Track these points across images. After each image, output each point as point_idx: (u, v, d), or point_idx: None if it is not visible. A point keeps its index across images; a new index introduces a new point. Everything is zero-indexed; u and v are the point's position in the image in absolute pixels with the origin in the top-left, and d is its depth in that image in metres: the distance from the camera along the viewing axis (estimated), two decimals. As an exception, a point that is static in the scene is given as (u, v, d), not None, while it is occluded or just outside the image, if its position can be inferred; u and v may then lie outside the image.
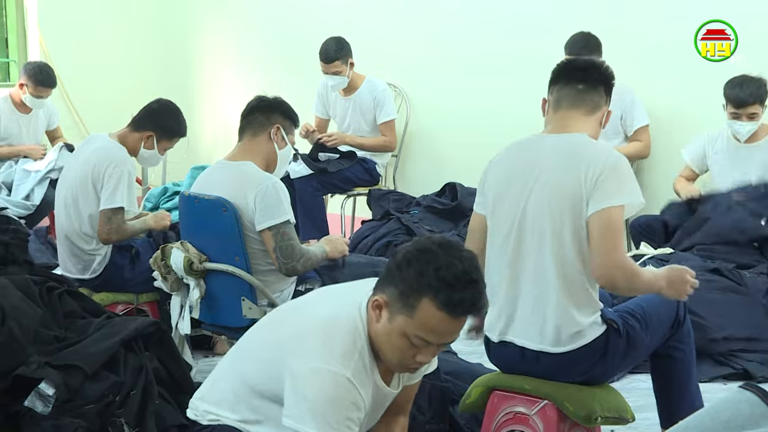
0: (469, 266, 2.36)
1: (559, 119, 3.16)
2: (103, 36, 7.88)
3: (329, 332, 2.46)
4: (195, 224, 4.08)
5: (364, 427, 2.54)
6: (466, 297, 2.33)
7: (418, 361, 2.42)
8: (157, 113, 4.80)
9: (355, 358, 2.42)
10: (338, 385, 2.38)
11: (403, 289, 2.36)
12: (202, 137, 8.03)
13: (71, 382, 3.09)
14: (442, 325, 2.35)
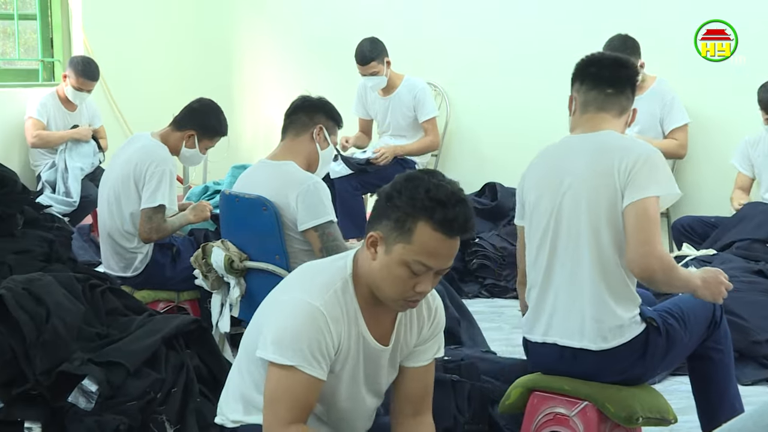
0: (455, 188, 2.42)
1: (586, 121, 3.18)
2: (146, 36, 7.94)
3: (311, 273, 2.56)
4: (235, 223, 4.09)
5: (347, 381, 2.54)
6: (459, 214, 2.37)
7: (418, 291, 2.44)
8: (199, 112, 4.84)
9: (329, 292, 2.46)
10: (306, 314, 2.42)
11: (398, 216, 2.40)
12: (243, 137, 8.07)
13: (113, 379, 3.11)
14: (440, 246, 2.38)
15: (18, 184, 4.23)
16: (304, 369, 2.41)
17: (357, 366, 2.55)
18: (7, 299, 3.18)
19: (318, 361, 2.42)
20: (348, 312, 2.49)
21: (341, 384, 2.55)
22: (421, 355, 2.66)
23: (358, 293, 2.51)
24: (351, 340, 2.51)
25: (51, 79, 7.74)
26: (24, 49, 7.95)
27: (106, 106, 7.50)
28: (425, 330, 2.65)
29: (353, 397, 2.59)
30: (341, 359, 2.51)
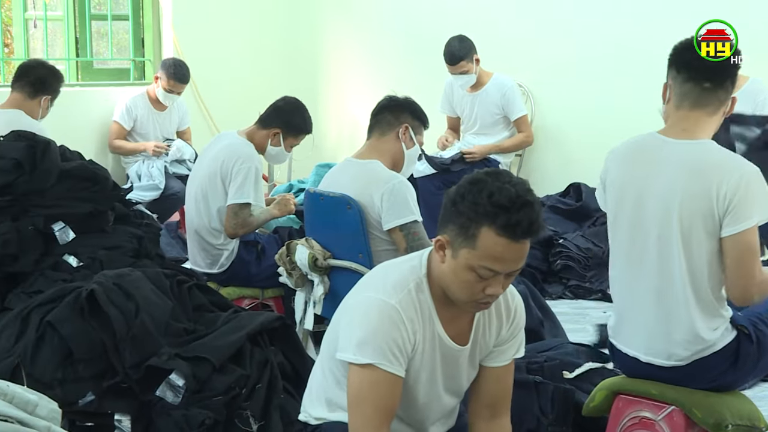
0: (522, 189, 2.36)
1: (681, 119, 3.02)
2: (234, 36, 8.05)
3: (386, 272, 2.56)
4: (320, 221, 4.12)
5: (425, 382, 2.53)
6: (523, 218, 2.33)
7: (488, 294, 2.42)
8: (284, 111, 4.88)
9: (405, 291, 2.47)
10: (382, 312, 2.43)
11: (462, 222, 2.38)
12: (328, 135, 8.12)
13: (200, 374, 3.15)
14: (505, 251, 2.35)
15: (109, 182, 4.33)
16: (383, 366, 2.41)
17: (434, 366, 2.55)
18: (98, 294, 3.25)
19: (396, 357, 2.43)
20: (423, 311, 2.49)
21: (419, 384, 2.54)
22: (501, 355, 2.64)
23: (433, 293, 2.51)
24: (426, 339, 2.50)
25: (142, 78, 7.90)
26: (116, 48, 8.13)
27: (194, 105, 7.61)
28: (504, 330, 2.63)
29: (432, 397, 2.59)
30: (417, 358, 2.50)
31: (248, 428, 3.11)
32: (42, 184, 4.12)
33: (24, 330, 3.24)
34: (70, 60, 7.84)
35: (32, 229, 4.05)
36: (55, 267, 4.01)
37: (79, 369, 3.14)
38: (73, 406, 3.05)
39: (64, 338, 3.18)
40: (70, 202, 4.15)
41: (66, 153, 4.38)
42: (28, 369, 3.10)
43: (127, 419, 3.13)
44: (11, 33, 9.23)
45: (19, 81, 5.07)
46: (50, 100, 5.08)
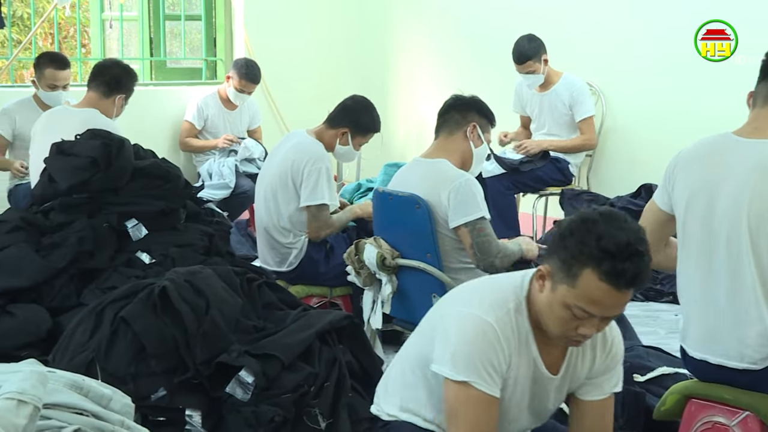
0: (634, 237, 2.30)
1: (755, 118, 2.93)
2: (304, 36, 8.10)
3: (487, 287, 2.53)
4: (388, 220, 4.13)
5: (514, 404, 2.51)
6: (629, 268, 2.27)
7: (581, 333, 2.38)
8: (352, 110, 4.89)
9: (503, 311, 2.44)
10: (478, 329, 2.41)
11: (565, 258, 2.34)
12: (396, 135, 8.13)
13: (269, 371, 3.17)
14: (604, 296, 2.30)
15: (181, 180, 4.39)
16: (478, 385, 2.40)
17: (524, 389, 2.53)
18: (170, 291, 3.29)
19: (491, 376, 2.41)
20: (520, 334, 2.46)
21: (508, 404, 2.51)
22: (597, 389, 2.60)
23: (531, 317, 2.47)
24: (521, 362, 2.48)
25: (213, 77, 8.00)
26: (189, 48, 8.24)
27: (264, 104, 7.68)
28: (599, 361, 2.58)
29: (516, 420, 2.57)
30: (511, 381, 2.48)
31: (317, 426, 3.12)
32: (116, 182, 4.20)
33: (98, 325, 3.30)
34: (144, 59, 7.97)
35: (107, 226, 4.13)
36: (129, 264, 4.08)
37: (151, 364, 3.18)
38: (146, 400, 3.09)
39: (137, 334, 3.23)
40: (143, 200, 4.22)
41: (139, 151, 4.45)
42: (103, 363, 3.15)
43: (197, 415, 3.17)
44: (88, 33, 9.42)
45: (95, 80, 5.16)
46: (124, 98, 5.16)
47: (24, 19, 10.22)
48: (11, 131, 5.93)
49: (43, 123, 5.23)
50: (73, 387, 2.25)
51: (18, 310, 3.79)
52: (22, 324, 3.73)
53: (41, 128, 5.16)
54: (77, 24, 8.41)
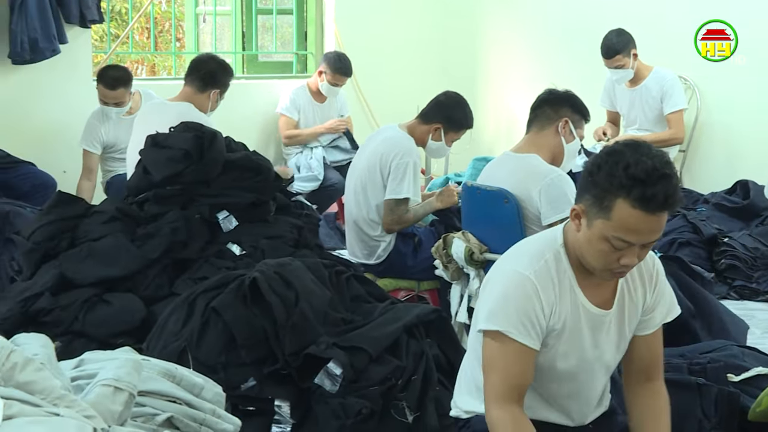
0: (660, 162, 2.34)
1: None
2: (394, 30, 8.11)
3: (523, 246, 2.60)
4: (476, 215, 4.12)
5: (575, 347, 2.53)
6: (659, 191, 2.30)
7: (623, 264, 2.41)
8: (445, 106, 4.89)
9: (541, 262, 2.49)
10: (515, 283, 2.46)
11: (597, 193, 2.38)
12: (486, 129, 8.09)
13: (357, 364, 3.19)
14: (639, 223, 2.34)
15: (271, 172, 4.43)
16: (511, 335, 2.43)
17: (581, 339, 2.54)
18: (260, 282, 3.33)
19: (526, 327, 2.44)
20: (562, 281, 2.50)
21: (560, 357, 2.53)
22: (649, 323, 2.64)
23: (572, 262, 2.51)
24: (567, 310, 2.51)
25: (304, 71, 8.06)
26: (280, 42, 8.32)
27: (354, 98, 7.71)
28: (648, 296, 2.62)
29: (578, 373, 2.57)
30: (557, 330, 2.50)
31: (404, 419, 3.12)
32: (208, 174, 4.26)
33: (190, 315, 3.35)
34: (236, 53, 8.07)
35: (199, 218, 4.20)
36: (220, 255, 4.14)
37: (241, 354, 3.22)
38: (236, 390, 3.12)
39: (227, 324, 3.27)
40: (234, 192, 4.27)
41: (231, 144, 4.51)
42: (194, 353, 3.20)
43: (286, 405, 3.20)
44: (183, 28, 9.58)
45: (191, 75, 5.24)
46: (219, 93, 5.23)
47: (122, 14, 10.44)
48: (100, 145, 6.06)
49: (140, 117, 5.34)
50: (167, 375, 2.29)
51: (114, 299, 3.88)
52: (118, 312, 3.82)
53: (139, 122, 5.27)
54: (172, 18, 8.56)
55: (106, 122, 6.05)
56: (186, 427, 2.18)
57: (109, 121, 6.02)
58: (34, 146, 6.30)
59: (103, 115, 6.05)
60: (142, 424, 2.13)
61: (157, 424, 2.16)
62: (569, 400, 2.61)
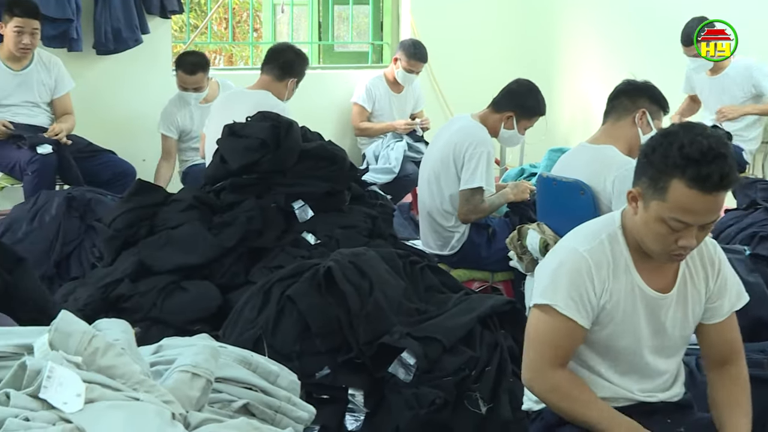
0: (715, 142, 2.33)
1: None
2: (470, 21, 8.07)
3: (582, 226, 2.63)
4: (552, 206, 4.09)
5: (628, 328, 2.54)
6: (714, 171, 2.30)
7: (681, 245, 2.41)
8: (517, 93, 4.86)
9: (596, 240, 2.51)
10: (567, 258, 2.50)
11: (652, 174, 2.38)
12: (561, 120, 8.02)
13: (431, 354, 3.19)
14: (695, 203, 2.34)
15: (347, 162, 4.45)
16: (559, 309, 2.46)
17: (637, 320, 2.55)
18: (335, 271, 3.34)
19: (576, 303, 2.46)
20: (617, 261, 2.51)
21: (615, 336, 2.54)
22: (717, 312, 2.63)
23: (629, 244, 2.52)
24: (622, 290, 2.52)
25: (379, 61, 8.07)
26: (356, 32, 8.34)
27: (429, 89, 7.70)
28: (711, 282, 2.62)
29: (635, 352, 2.58)
30: (611, 309, 2.51)
31: (477, 410, 3.12)
32: (284, 163, 4.29)
33: (266, 303, 3.39)
34: (312, 43, 8.12)
35: (274, 207, 4.24)
36: (295, 244, 4.17)
37: (316, 343, 3.24)
38: (310, 378, 3.15)
39: (302, 313, 3.29)
40: (310, 181, 4.30)
41: (307, 133, 4.54)
42: (269, 340, 3.23)
43: (360, 394, 3.21)
44: (260, 18, 9.66)
45: (268, 64, 5.30)
46: (296, 82, 5.28)
47: (201, 5, 10.57)
48: (176, 130, 6.17)
49: (218, 105, 5.41)
50: (243, 362, 2.32)
51: (191, 286, 3.93)
52: (195, 299, 3.87)
53: (216, 110, 5.35)
54: (250, 9, 8.63)
55: (183, 108, 6.15)
56: (262, 414, 2.21)
57: (187, 107, 6.13)
58: (115, 135, 6.43)
59: (180, 101, 6.16)
60: (219, 410, 2.15)
61: (233, 410, 2.18)
62: (628, 378, 2.61)
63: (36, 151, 5.40)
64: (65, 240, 4.75)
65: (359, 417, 3.25)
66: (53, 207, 4.84)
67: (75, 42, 6.16)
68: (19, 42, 5.49)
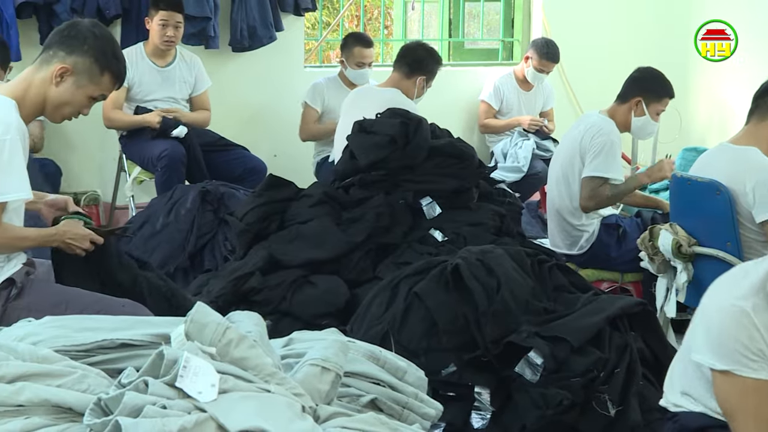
0: None
1: None
2: (604, 18, 7.92)
3: (743, 272, 2.45)
4: (685, 206, 4.00)
5: None
6: None
7: None
8: (640, 78, 4.79)
9: (761, 294, 2.33)
10: (732, 316, 2.33)
11: None
12: (696, 118, 7.81)
13: (558, 354, 3.16)
14: None
15: (475, 159, 4.45)
16: (741, 372, 2.32)
17: None
18: (462, 269, 3.35)
19: (755, 361, 2.31)
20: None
21: None
22: None
23: None
24: None
25: (509, 58, 8.01)
26: (487, 29, 8.30)
27: (560, 87, 7.61)
28: None
29: None
30: None
31: (606, 412, 3.08)
32: (413, 159, 4.31)
33: (393, 299, 3.41)
34: (443, 41, 8.11)
35: (402, 203, 4.26)
36: (422, 240, 4.19)
37: (442, 340, 3.25)
38: (436, 375, 3.15)
39: (429, 309, 3.31)
40: (438, 178, 4.31)
41: (436, 130, 4.55)
42: (396, 336, 3.26)
43: (486, 392, 3.20)
44: (391, 15, 9.72)
45: (399, 61, 5.35)
46: (425, 80, 5.29)
47: (333, 2, 10.69)
48: (321, 105, 6.26)
49: (349, 102, 5.47)
50: (371, 358, 2.34)
51: (319, 281, 3.99)
52: (323, 294, 3.92)
53: (347, 107, 5.41)
54: (381, 6, 8.71)
55: (335, 89, 6.23)
56: (389, 410, 2.22)
57: (338, 90, 6.18)
58: (248, 130, 6.56)
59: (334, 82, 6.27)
60: (347, 404, 2.17)
61: (362, 405, 2.20)
62: None
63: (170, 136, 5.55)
64: (199, 233, 4.87)
65: (485, 415, 3.25)
66: (188, 200, 4.98)
67: (212, 40, 6.31)
68: (163, 34, 5.68)
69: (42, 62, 3.10)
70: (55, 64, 3.06)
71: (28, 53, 5.46)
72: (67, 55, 3.06)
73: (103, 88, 3.15)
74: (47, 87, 3.07)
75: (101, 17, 5.75)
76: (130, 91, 5.72)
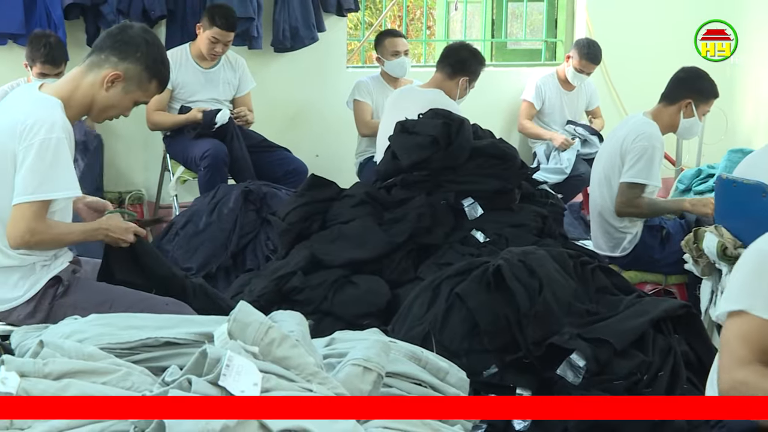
0: None
1: None
2: (647, 18, 7.85)
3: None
4: (731, 208, 3.96)
5: None
6: None
7: None
8: (689, 79, 4.75)
9: None
10: (754, 259, 2.35)
11: None
12: (743, 119, 7.72)
13: (601, 356, 3.14)
14: None
15: (517, 160, 4.43)
16: (756, 312, 2.30)
17: None
18: (504, 270, 3.33)
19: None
20: None
21: None
22: None
23: None
24: None
25: (552, 59, 7.97)
26: (530, 29, 8.27)
27: (603, 88, 7.56)
28: None
29: None
30: None
31: (649, 416, 3.06)
32: (455, 160, 4.31)
33: (435, 300, 3.41)
34: (485, 41, 8.09)
35: (444, 204, 4.25)
36: (464, 241, 4.18)
37: (484, 341, 3.24)
38: (478, 376, 3.14)
39: (471, 310, 3.30)
40: (480, 179, 4.30)
41: (478, 131, 4.54)
42: (438, 337, 3.25)
43: (528, 394, 3.19)
44: (433, 15, 9.70)
45: (442, 62, 5.34)
46: (468, 81, 5.28)
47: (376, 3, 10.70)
48: (371, 100, 6.27)
49: (391, 102, 5.48)
50: (413, 358, 2.34)
51: (360, 281, 4.00)
52: (364, 294, 3.93)
53: (389, 107, 5.41)
54: (424, 6, 8.70)
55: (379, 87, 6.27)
56: (430, 410, 2.22)
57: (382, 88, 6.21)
58: (290, 131, 6.59)
59: (377, 81, 6.32)
60: (389, 404, 2.18)
61: (403, 405, 2.21)
62: None
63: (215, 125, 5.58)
64: (242, 232, 4.90)
65: (527, 417, 3.23)
66: (231, 200, 5.01)
67: (255, 40, 6.35)
68: (212, 50, 5.73)
69: (92, 65, 3.14)
70: (107, 69, 3.10)
71: (76, 53, 5.52)
72: (119, 61, 3.11)
73: (149, 94, 3.21)
74: (96, 90, 3.11)
75: (146, 18, 5.81)
76: (174, 91, 5.77)
